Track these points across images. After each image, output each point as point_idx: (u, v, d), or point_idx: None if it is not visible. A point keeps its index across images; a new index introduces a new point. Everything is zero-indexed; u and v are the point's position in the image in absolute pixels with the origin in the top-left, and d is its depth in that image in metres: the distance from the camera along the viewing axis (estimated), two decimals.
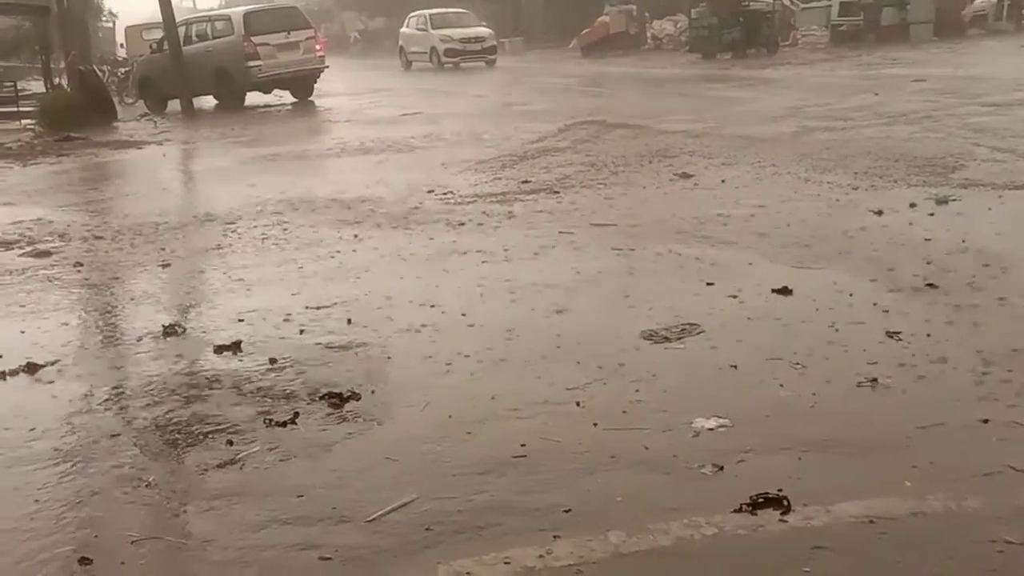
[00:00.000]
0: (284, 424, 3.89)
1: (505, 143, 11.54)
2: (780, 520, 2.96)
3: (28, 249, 7.48)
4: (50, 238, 7.86)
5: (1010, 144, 9.11)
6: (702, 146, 10.31)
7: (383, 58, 37.59)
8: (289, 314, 5.32)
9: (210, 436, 3.84)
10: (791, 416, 3.69)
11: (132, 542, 3.09)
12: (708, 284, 5.38)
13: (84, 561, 2.99)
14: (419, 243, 6.84)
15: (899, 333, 4.43)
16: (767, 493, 3.05)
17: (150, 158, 13.28)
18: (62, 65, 21.09)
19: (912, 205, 6.95)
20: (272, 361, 4.61)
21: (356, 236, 7.16)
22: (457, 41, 28.54)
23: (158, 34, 21.79)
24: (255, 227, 7.75)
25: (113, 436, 3.91)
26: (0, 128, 17.79)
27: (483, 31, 29.43)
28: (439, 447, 3.61)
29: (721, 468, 3.30)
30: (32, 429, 4.00)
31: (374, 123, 15.08)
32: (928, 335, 4.41)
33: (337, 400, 4.08)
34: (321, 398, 4.12)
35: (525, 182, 8.90)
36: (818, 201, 7.37)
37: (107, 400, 4.32)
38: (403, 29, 31.62)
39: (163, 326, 5.25)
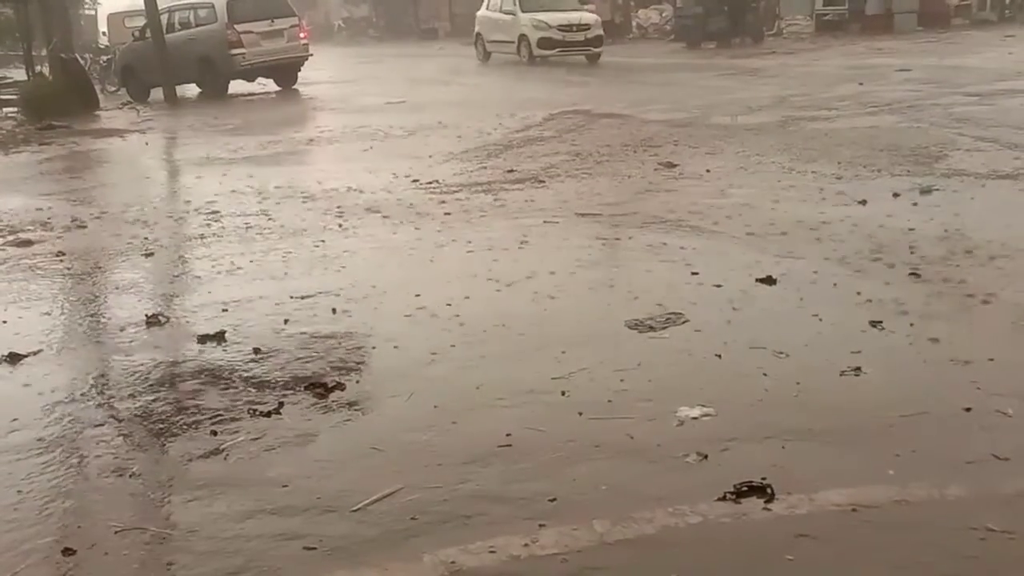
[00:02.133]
0: (268, 414, 3.88)
1: (491, 132, 11.51)
2: (764, 508, 2.98)
3: (10, 238, 7.42)
4: (32, 227, 7.80)
5: (993, 134, 9.16)
6: (686, 136, 10.32)
7: (369, 45, 37.44)
8: (273, 304, 5.30)
9: (194, 426, 3.83)
10: (775, 405, 3.71)
11: (116, 532, 3.07)
12: (693, 273, 5.39)
13: (67, 551, 2.97)
14: (404, 233, 6.82)
15: (882, 322, 4.45)
16: (751, 481, 3.07)
17: (132, 147, 13.19)
18: (44, 53, 20.90)
19: (896, 195, 6.98)
20: (256, 351, 4.60)
21: (341, 226, 7.14)
22: (555, 28, 21.76)
23: (140, 22, 21.57)
24: (239, 216, 7.72)
25: (96, 426, 3.90)
26: None
27: (588, 16, 22.55)
28: (424, 437, 3.61)
29: (705, 457, 3.31)
30: (14, 419, 3.98)
31: (359, 111, 15.01)
32: (911, 324, 4.44)
33: (322, 390, 4.07)
34: (306, 388, 4.11)
35: (510, 171, 8.89)
36: (802, 191, 7.39)
37: (90, 390, 4.30)
38: (481, 12, 24.75)
39: (146, 316, 5.22)
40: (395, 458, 3.46)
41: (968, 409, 3.55)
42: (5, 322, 5.32)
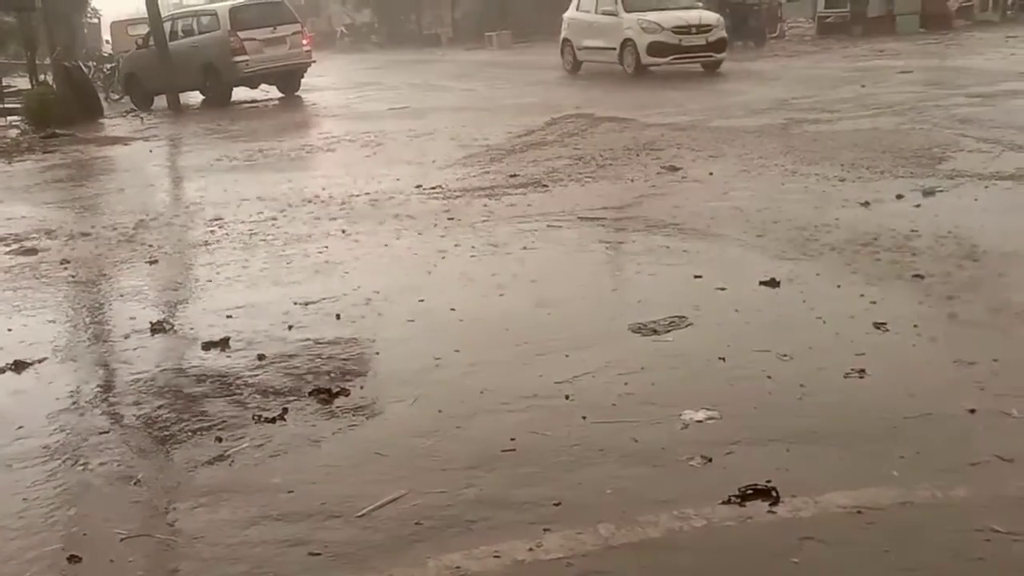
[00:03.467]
0: (273, 420, 3.88)
1: (493, 137, 11.52)
2: (769, 511, 2.98)
3: (14, 247, 7.44)
4: (36, 235, 7.82)
5: (996, 135, 9.15)
6: (689, 139, 10.32)
7: (371, 52, 37.52)
8: (278, 310, 5.31)
9: (199, 433, 3.83)
10: (779, 408, 3.71)
11: (121, 539, 3.08)
12: (696, 277, 5.39)
13: (73, 559, 2.98)
14: (408, 238, 6.83)
15: (886, 324, 4.45)
16: (756, 484, 3.07)
17: (136, 154, 13.22)
18: (47, 61, 20.95)
19: (899, 196, 6.98)
20: (261, 357, 4.60)
21: (344, 231, 7.15)
22: (669, 31, 17.81)
23: (144, 30, 21.63)
24: (242, 223, 7.73)
25: (101, 433, 3.90)
26: None
27: (708, 15, 18.79)
28: (428, 442, 3.61)
29: (710, 460, 3.31)
30: (20, 427, 3.99)
31: (361, 118, 15.04)
32: (915, 325, 4.43)
33: (326, 396, 4.08)
34: (310, 394, 4.12)
35: (513, 176, 8.89)
36: (805, 193, 7.38)
37: (95, 397, 4.31)
38: (570, 13, 20.78)
39: (151, 323, 5.23)
40: (399, 463, 3.47)
41: (972, 411, 3.54)
42: (10, 330, 5.33)
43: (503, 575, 2.78)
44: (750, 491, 3.05)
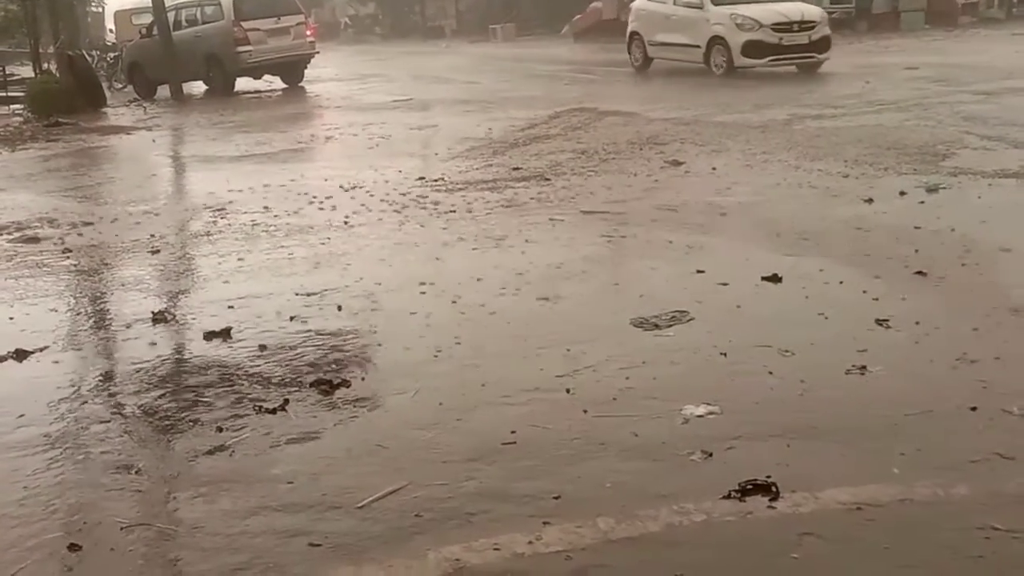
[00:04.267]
0: (274, 411, 3.88)
1: (496, 130, 11.51)
2: (768, 507, 2.98)
3: (16, 235, 7.44)
4: (39, 224, 7.82)
5: (1000, 132, 9.14)
6: (693, 133, 10.31)
7: (375, 43, 37.47)
8: (279, 301, 5.31)
9: (199, 423, 3.83)
10: (780, 403, 3.71)
11: (121, 528, 3.08)
12: (698, 271, 5.38)
13: (73, 547, 2.98)
14: (410, 230, 6.82)
15: (888, 320, 4.45)
16: (756, 480, 3.07)
17: (139, 144, 13.21)
18: (51, 50, 20.93)
19: (902, 193, 6.97)
20: (262, 348, 4.60)
21: (347, 223, 7.14)
22: (768, 27, 15.45)
23: (147, 19, 21.63)
24: (244, 213, 7.72)
25: (102, 422, 3.91)
26: None
27: (810, 9, 16.32)
28: (429, 434, 3.61)
29: (710, 455, 3.31)
30: (21, 415, 3.99)
31: (364, 109, 15.02)
32: (917, 322, 4.43)
33: (327, 387, 4.08)
34: (311, 385, 4.12)
35: (516, 169, 8.89)
36: (808, 189, 7.38)
37: (96, 387, 4.31)
38: (639, 3, 18.38)
39: (152, 312, 5.23)
40: (400, 455, 3.47)
41: (974, 408, 3.54)
42: (12, 318, 5.33)
43: (502, 568, 2.78)
44: (750, 486, 3.05)
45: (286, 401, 3.97)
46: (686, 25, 16.60)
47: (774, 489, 3.03)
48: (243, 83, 20.01)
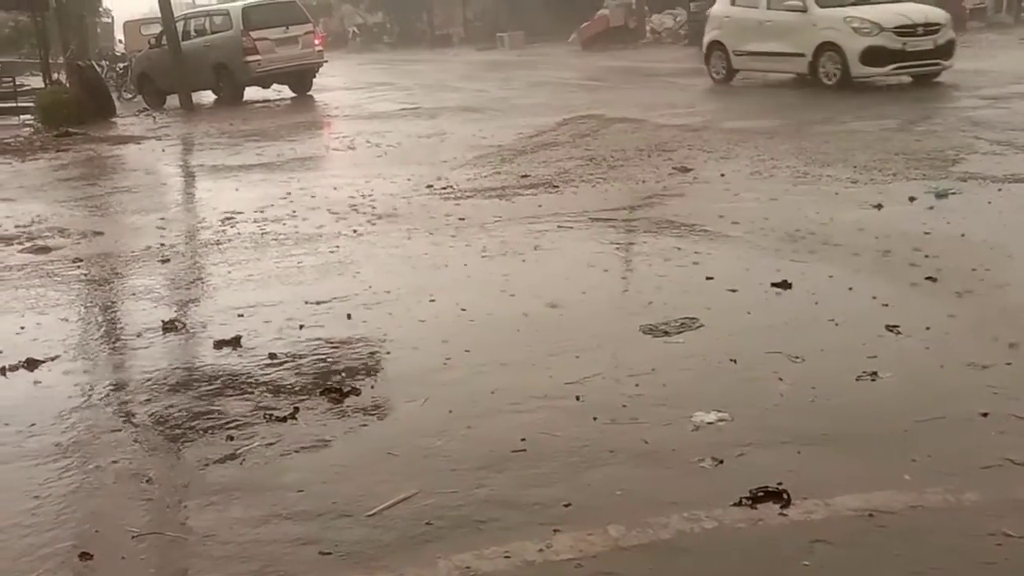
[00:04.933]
0: (284, 419, 3.89)
1: (504, 137, 11.52)
2: (780, 514, 2.97)
3: (27, 245, 7.48)
4: (49, 234, 7.85)
5: (1009, 137, 9.11)
6: (701, 140, 10.30)
7: (383, 52, 37.56)
8: (289, 309, 5.32)
9: (210, 431, 3.84)
10: (790, 410, 3.70)
11: (132, 537, 3.09)
12: (707, 278, 5.38)
13: (84, 556, 2.99)
14: (419, 238, 6.83)
15: (898, 326, 4.43)
16: (767, 487, 3.06)
17: (149, 153, 13.26)
18: (60, 60, 21.04)
19: (912, 199, 6.95)
20: (272, 356, 4.61)
21: (356, 231, 7.16)
22: (890, 31, 13.39)
23: (156, 29, 21.73)
24: (254, 222, 7.75)
25: (113, 431, 3.92)
26: None
27: (934, 12, 14.28)
28: (439, 442, 3.61)
29: (721, 462, 3.31)
30: (32, 425, 4.01)
31: (373, 118, 15.05)
32: (927, 328, 4.41)
33: (337, 395, 4.09)
34: (321, 393, 4.13)
35: (524, 176, 8.89)
36: (817, 195, 7.36)
37: (107, 396, 4.32)
38: (721, 9, 16.30)
39: (163, 321, 5.25)
40: (410, 463, 3.47)
41: (985, 414, 3.53)
42: (23, 328, 5.35)
43: (513, 575, 2.78)
44: (761, 493, 3.04)
45: (296, 409, 3.97)
46: (785, 31, 14.59)
47: (785, 496, 3.02)
48: (252, 92, 20.07)
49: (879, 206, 6.79)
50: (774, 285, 5.14)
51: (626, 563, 2.80)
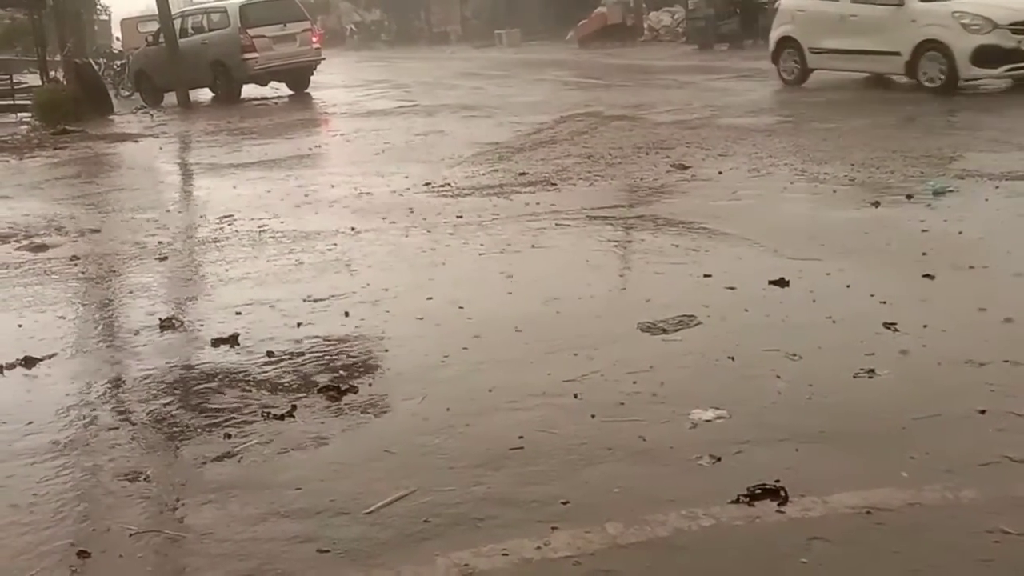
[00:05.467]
0: (282, 417, 3.89)
1: (502, 135, 11.52)
2: (777, 511, 2.97)
3: (25, 243, 7.47)
4: (47, 232, 7.85)
5: (1007, 135, 9.11)
6: (699, 137, 10.30)
7: (381, 50, 37.53)
8: (286, 307, 5.32)
9: (208, 429, 3.84)
10: (788, 407, 3.70)
11: (130, 535, 3.09)
12: (705, 276, 5.37)
13: (82, 554, 2.99)
14: (416, 236, 6.83)
15: (895, 324, 4.43)
16: (764, 484, 3.06)
17: (146, 151, 13.25)
18: (58, 58, 21.00)
19: (909, 196, 6.95)
20: (270, 354, 4.61)
21: (353, 229, 7.15)
22: (1005, 28, 11.66)
23: (154, 27, 21.70)
24: (252, 220, 7.74)
25: (111, 429, 3.92)
26: None
27: None
28: (437, 439, 3.61)
29: (718, 459, 3.31)
30: (30, 423, 4.00)
31: (371, 115, 15.04)
32: (925, 326, 4.41)
33: (335, 393, 4.08)
34: (319, 391, 4.12)
35: (522, 174, 8.89)
36: (815, 193, 7.37)
37: (104, 394, 4.32)
38: (794, 2, 14.68)
39: (160, 319, 5.24)
40: (408, 461, 3.47)
41: (983, 411, 3.53)
42: (21, 325, 5.35)
43: (511, 573, 2.78)
44: (759, 491, 3.04)
45: (294, 407, 3.97)
46: (875, 27, 12.81)
47: (783, 493, 3.02)
48: (249, 90, 20.04)
49: (877, 203, 6.79)
50: (772, 283, 5.14)
51: (624, 560, 2.80)
